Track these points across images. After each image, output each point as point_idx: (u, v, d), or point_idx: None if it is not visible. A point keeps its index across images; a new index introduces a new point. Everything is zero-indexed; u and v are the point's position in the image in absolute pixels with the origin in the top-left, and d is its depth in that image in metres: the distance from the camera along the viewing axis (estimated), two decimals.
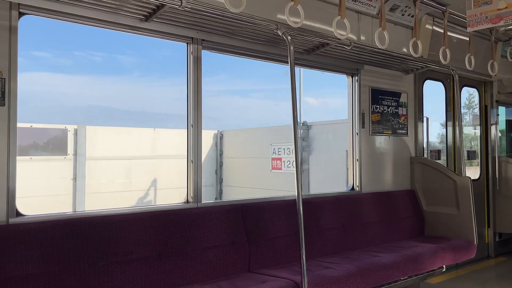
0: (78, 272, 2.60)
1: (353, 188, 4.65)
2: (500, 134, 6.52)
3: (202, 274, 3.11)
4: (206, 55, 3.54)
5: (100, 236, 2.76)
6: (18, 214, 2.64)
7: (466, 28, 4.15)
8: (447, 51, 4.39)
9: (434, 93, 5.81)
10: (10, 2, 2.64)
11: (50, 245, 2.57)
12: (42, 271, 2.50)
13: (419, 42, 4.14)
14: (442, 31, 4.52)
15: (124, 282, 2.76)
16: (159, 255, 2.95)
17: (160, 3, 2.86)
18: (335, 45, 3.86)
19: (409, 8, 4.68)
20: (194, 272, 3.07)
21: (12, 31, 2.64)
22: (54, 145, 6.76)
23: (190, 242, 3.11)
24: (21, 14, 2.70)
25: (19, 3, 2.67)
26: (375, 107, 4.83)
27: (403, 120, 5.14)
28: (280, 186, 7.49)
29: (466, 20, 4.08)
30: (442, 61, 4.43)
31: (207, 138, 8.66)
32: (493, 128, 6.33)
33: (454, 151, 5.85)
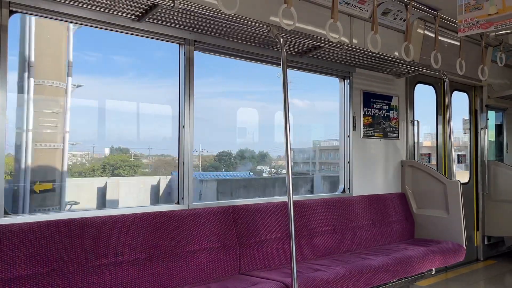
0: (67, 273, 2.57)
1: (344, 191, 4.67)
2: (489, 138, 6.58)
3: (192, 276, 3.09)
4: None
5: (89, 237, 2.74)
6: (6, 213, 2.61)
7: (457, 33, 4.18)
8: (438, 55, 4.43)
9: (425, 96, 5.86)
10: (1, 0, 2.61)
11: (38, 246, 2.54)
12: (30, 272, 2.46)
13: (411, 46, 4.17)
14: (434, 35, 4.56)
15: (113, 283, 2.73)
16: (149, 256, 2.92)
17: (152, 3, 2.85)
18: (328, 48, 3.86)
19: (401, 12, 4.71)
20: (184, 274, 3.05)
21: (2, 29, 2.61)
22: None
23: (180, 244, 3.09)
24: (11, 13, 2.67)
25: (9, 1, 2.64)
26: (367, 110, 4.85)
27: (394, 123, 5.17)
28: None
29: (457, 25, 4.11)
30: (433, 65, 4.46)
31: None
32: (482, 132, 6.39)
33: (444, 155, 5.90)
